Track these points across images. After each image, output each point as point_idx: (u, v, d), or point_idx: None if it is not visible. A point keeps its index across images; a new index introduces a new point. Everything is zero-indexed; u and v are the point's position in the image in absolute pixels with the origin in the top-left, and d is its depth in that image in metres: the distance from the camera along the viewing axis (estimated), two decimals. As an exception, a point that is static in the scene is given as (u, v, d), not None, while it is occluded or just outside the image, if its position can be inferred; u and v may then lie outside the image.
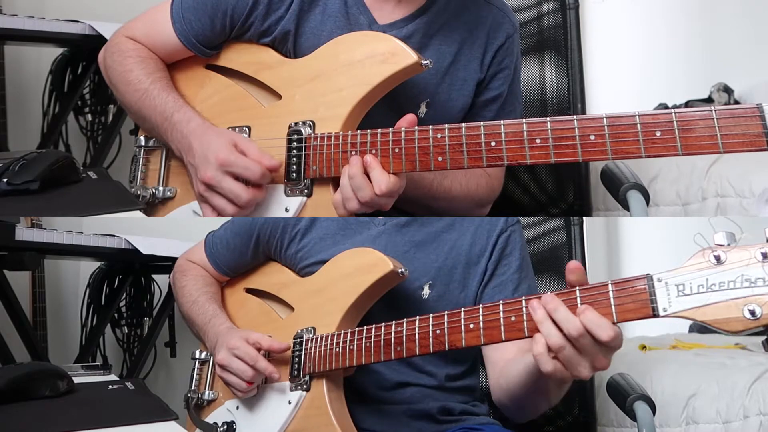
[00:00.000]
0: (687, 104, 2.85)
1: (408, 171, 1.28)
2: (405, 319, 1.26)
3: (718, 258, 1.00)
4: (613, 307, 1.06)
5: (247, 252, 1.56)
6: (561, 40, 1.85)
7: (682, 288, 1.02)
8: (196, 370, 1.58)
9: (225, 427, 1.47)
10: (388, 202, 1.29)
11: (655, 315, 1.04)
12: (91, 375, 1.68)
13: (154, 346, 2.55)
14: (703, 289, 1.00)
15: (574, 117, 1.16)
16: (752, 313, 0.97)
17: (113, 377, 1.70)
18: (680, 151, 1.11)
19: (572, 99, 1.84)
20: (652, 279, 1.04)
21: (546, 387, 1.25)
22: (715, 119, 1.08)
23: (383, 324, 1.29)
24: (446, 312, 1.22)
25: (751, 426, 1.85)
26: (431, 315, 1.23)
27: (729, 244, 1.00)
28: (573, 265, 1.10)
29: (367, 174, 1.28)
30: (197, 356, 1.58)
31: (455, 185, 1.46)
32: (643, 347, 2.31)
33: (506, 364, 1.38)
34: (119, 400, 1.48)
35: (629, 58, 3.13)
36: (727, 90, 2.97)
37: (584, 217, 1.79)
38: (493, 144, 1.21)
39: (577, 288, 1.09)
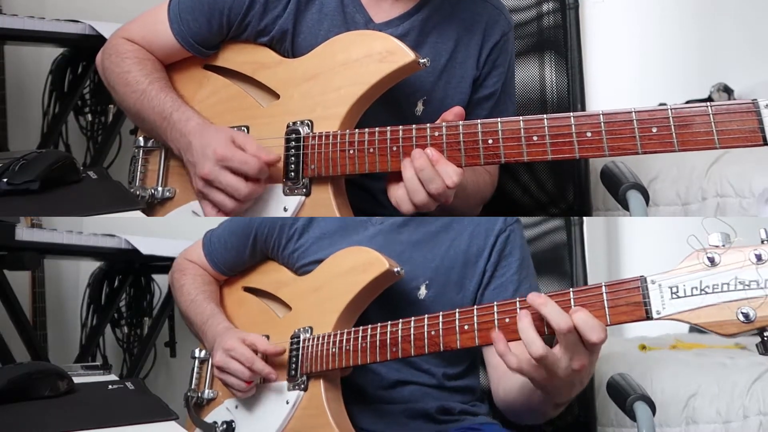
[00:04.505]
0: (687, 104, 2.84)
1: None
2: (400, 320, 1.27)
3: (712, 260, 0.99)
4: (606, 309, 1.06)
5: (245, 251, 1.56)
6: (561, 40, 1.85)
7: (676, 290, 1.01)
8: (195, 368, 1.58)
9: (224, 426, 1.47)
10: (452, 194, 1.28)
11: (649, 317, 1.03)
12: (91, 375, 1.68)
13: (154, 346, 2.55)
14: (696, 291, 1.00)
15: (571, 114, 1.17)
16: (746, 316, 0.97)
17: (113, 377, 1.70)
18: (677, 147, 1.11)
19: (572, 99, 1.84)
20: (645, 281, 1.04)
21: (539, 401, 1.25)
22: (711, 115, 1.09)
23: (379, 324, 1.29)
24: (441, 313, 1.22)
25: (751, 426, 1.85)
26: (426, 316, 1.23)
27: (723, 246, 1.00)
28: None
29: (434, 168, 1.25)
30: (196, 355, 1.58)
31: (470, 182, 1.45)
32: (643, 347, 2.31)
33: (504, 374, 1.37)
34: (119, 400, 1.47)
35: (629, 58, 3.13)
36: (727, 90, 2.98)
37: (584, 217, 1.79)
38: (490, 142, 1.22)
39: (571, 290, 1.09)
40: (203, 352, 1.58)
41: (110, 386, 1.53)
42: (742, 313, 0.97)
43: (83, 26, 2.30)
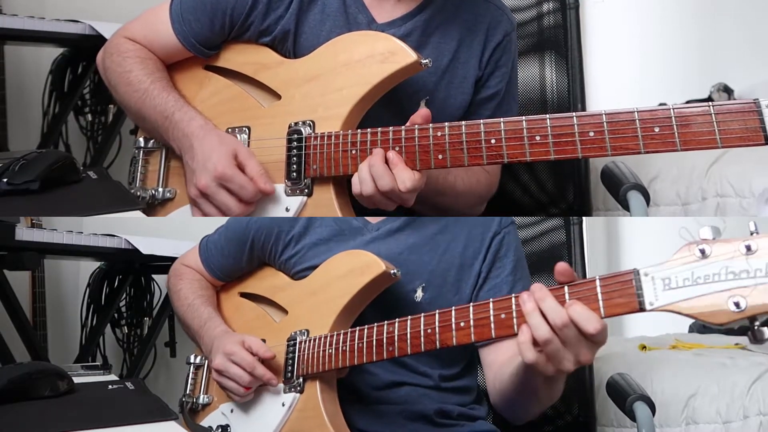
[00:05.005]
0: (688, 104, 2.84)
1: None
2: (396, 319, 1.27)
3: (703, 251, 1.00)
4: (600, 302, 1.06)
5: (242, 258, 1.56)
6: (561, 40, 1.85)
7: (669, 282, 1.02)
8: (190, 374, 1.58)
9: (220, 430, 1.46)
10: (411, 198, 1.30)
11: (642, 309, 1.04)
12: (91, 375, 1.68)
13: (154, 346, 2.55)
14: (688, 282, 1.00)
15: (573, 114, 1.17)
16: (737, 305, 0.98)
17: (113, 377, 1.70)
18: (679, 146, 1.12)
19: (572, 99, 1.84)
20: (638, 273, 1.04)
21: (535, 386, 1.25)
22: (713, 115, 1.10)
23: (375, 324, 1.29)
24: (437, 311, 1.22)
25: (751, 426, 1.85)
26: (422, 314, 1.24)
27: (714, 238, 1.01)
28: (562, 267, 1.09)
29: (389, 168, 1.28)
30: (192, 361, 1.58)
31: (459, 180, 1.46)
32: (643, 347, 2.30)
33: (500, 367, 1.38)
34: (119, 400, 1.48)
35: (629, 58, 3.13)
36: (727, 90, 2.98)
37: (584, 217, 1.79)
38: (493, 142, 1.22)
39: (566, 284, 1.09)
40: (199, 358, 1.58)
41: (110, 386, 1.53)
42: (733, 302, 0.98)
43: (83, 26, 2.30)
